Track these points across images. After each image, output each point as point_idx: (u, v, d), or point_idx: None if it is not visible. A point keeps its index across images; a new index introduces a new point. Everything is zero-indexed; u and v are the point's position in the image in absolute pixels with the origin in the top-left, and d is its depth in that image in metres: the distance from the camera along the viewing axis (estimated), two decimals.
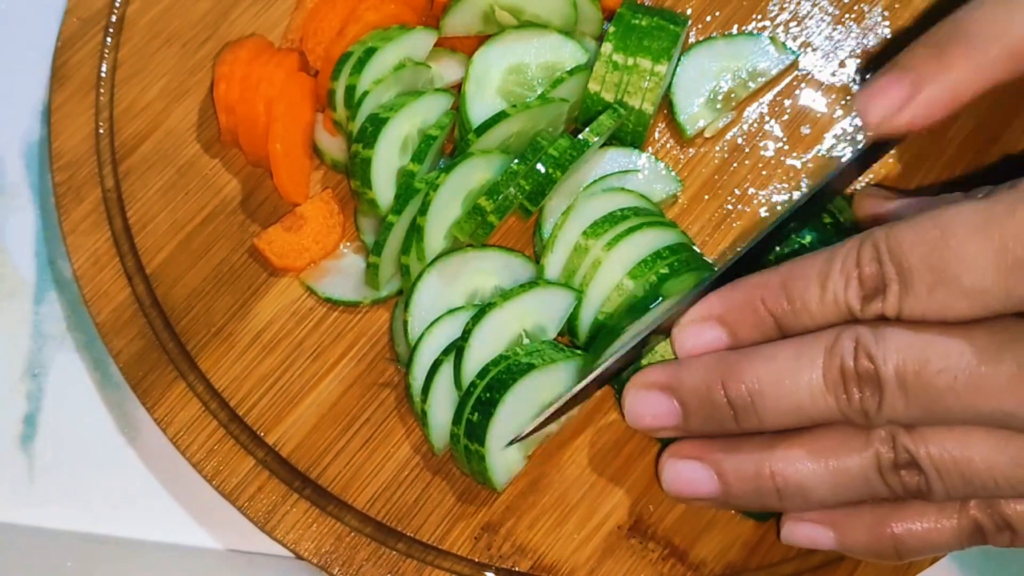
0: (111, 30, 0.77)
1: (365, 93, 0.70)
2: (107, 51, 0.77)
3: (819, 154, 0.72)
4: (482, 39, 0.72)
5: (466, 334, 0.65)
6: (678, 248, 0.67)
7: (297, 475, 0.68)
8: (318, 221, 0.71)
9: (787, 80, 0.74)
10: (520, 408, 0.63)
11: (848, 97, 0.73)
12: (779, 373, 0.57)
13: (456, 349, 0.65)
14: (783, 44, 0.74)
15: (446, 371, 0.65)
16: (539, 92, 0.71)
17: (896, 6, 0.75)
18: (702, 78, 0.73)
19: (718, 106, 0.73)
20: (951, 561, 0.70)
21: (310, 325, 0.71)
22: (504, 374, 0.63)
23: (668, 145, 0.73)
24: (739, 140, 0.73)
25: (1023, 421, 0.53)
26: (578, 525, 0.67)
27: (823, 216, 0.68)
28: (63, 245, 0.73)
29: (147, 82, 0.76)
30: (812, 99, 0.74)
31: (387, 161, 0.69)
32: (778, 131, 0.73)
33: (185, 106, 0.75)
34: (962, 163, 0.71)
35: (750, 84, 0.73)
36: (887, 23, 0.75)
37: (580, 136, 0.68)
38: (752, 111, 0.73)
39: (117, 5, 0.77)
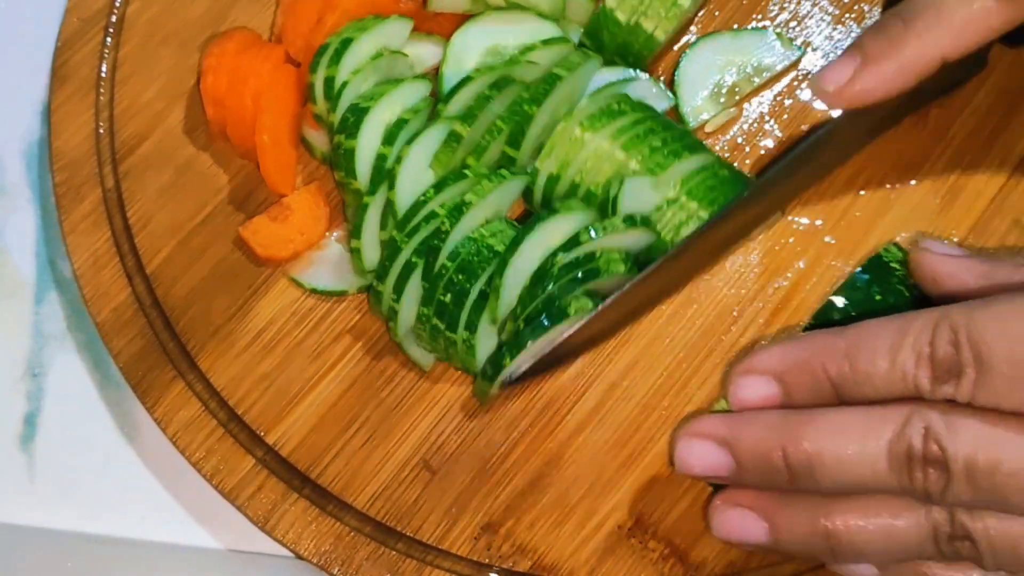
0: (111, 30, 0.77)
1: (344, 84, 0.70)
2: (107, 51, 0.77)
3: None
4: (460, 22, 0.73)
5: (443, 235, 0.65)
6: (672, 125, 0.68)
7: (297, 475, 0.68)
8: (304, 212, 0.72)
9: (787, 80, 0.74)
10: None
11: None
12: (843, 446, 0.55)
13: (430, 248, 0.66)
14: (789, 40, 0.74)
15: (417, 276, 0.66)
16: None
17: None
18: (707, 71, 0.73)
19: (722, 99, 0.73)
20: None
21: (310, 325, 0.71)
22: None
23: None
24: (739, 139, 0.73)
25: None
26: (578, 525, 0.66)
27: (891, 266, 0.67)
28: (63, 245, 0.73)
29: (147, 82, 0.76)
30: (812, 99, 0.73)
31: (370, 151, 0.69)
32: (778, 130, 0.73)
33: (185, 106, 0.75)
34: (962, 163, 0.71)
35: (754, 79, 0.73)
36: None
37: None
38: (752, 110, 0.73)
39: (117, 5, 0.78)
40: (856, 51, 0.62)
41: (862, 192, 0.71)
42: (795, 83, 0.74)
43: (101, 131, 0.75)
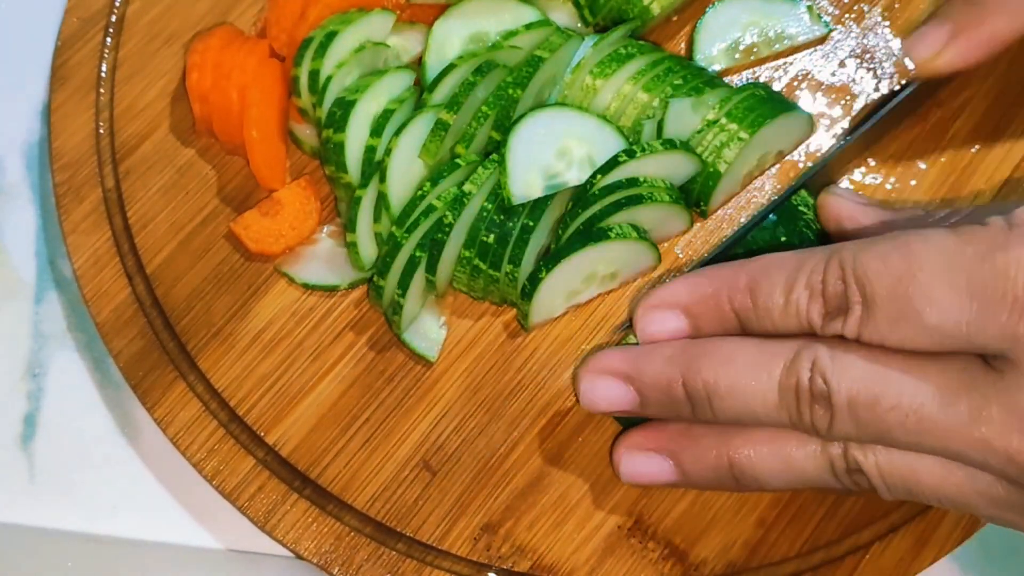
0: (111, 30, 0.77)
1: (329, 78, 0.70)
2: (107, 51, 0.77)
3: (818, 153, 0.72)
4: (442, 10, 0.73)
5: (447, 227, 0.66)
6: (688, 64, 0.70)
7: (297, 475, 0.68)
8: (295, 207, 0.72)
9: (787, 79, 0.74)
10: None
11: (848, 97, 0.73)
12: (736, 376, 0.57)
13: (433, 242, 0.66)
14: (818, 15, 0.74)
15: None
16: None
17: (896, 6, 0.75)
18: (730, 26, 0.74)
19: (736, 56, 0.73)
20: (952, 562, 0.70)
21: (310, 325, 0.71)
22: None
23: None
24: None
25: (972, 460, 0.53)
26: (578, 525, 0.66)
27: (799, 210, 0.68)
28: (63, 245, 0.73)
29: (147, 82, 0.76)
30: (812, 98, 0.73)
31: (359, 144, 0.69)
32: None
33: (185, 106, 0.75)
34: (962, 163, 0.71)
35: (775, 45, 0.73)
36: (887, 23, 0.75)
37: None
38: (759, 73, 0.74)
39: (117, 5, 0.77)
40: (946, 20, 0.63)
41: (862, 192, 0.71)
42: (795, 83, 0.74)
43: (101, 131, 0.75)
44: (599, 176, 0.66)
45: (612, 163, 0.66)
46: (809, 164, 0.72)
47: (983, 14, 0.62)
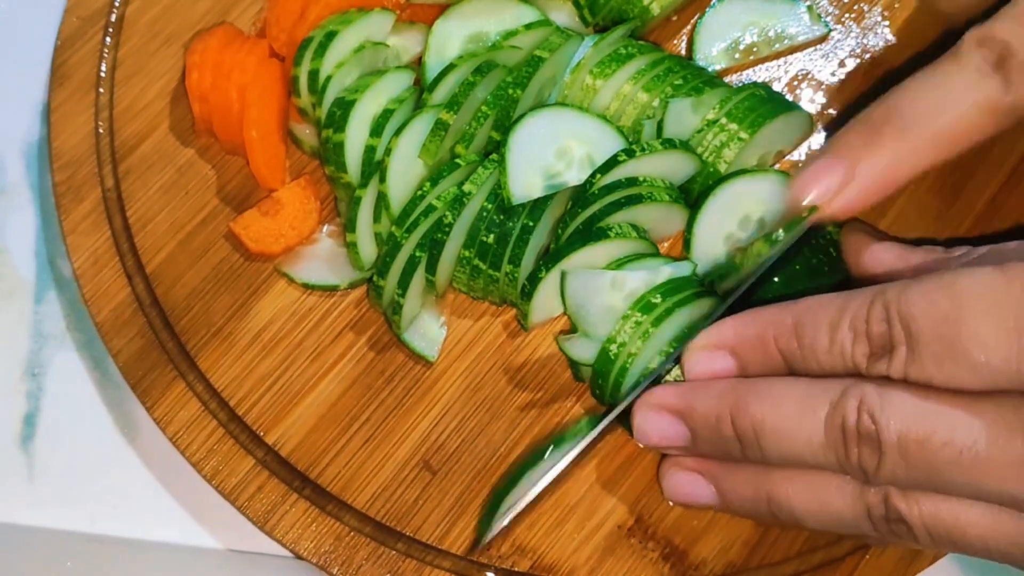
0: (111, 29, 0.77)
1: (328, 78, 0.70)
2: (107, 50, 0.77)
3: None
4: (441, 9, 0.73)
5: (447, 227, 0.66)
6: (688, 64, 0.70)
7: (297, 475, 0.68)
8: (295, 206, 0.72)
9: (787, 79, 0.74)
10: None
11: (847, 96, 0.73)
12: (783, 418, 0.57)
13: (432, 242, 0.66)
14: (818, 15, 0.74)
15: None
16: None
17: (896, 6, 0.75)
18: (729, 26, 0.74)
19: (736, 56, 0.73)
20: (951, 562, 0.69)
21: (310, 325, 0.71)
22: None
23: None
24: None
25: None
26: (578, 525, 0.66)
27: (820, 243, 0.67)
28: (63, 245, 0.73)
29: (147, 82, 0.76)
30: (811, 98, 0.73)
31: (359, 144, 0.69)
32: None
33: (185, 106, 0.75)
34: (962, 163, 0.71)
35: (775, 45, 0.74)
36: (887, 23, 0.75)
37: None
38: (758, 73, 0.74)
39: (117, 4, 0.77)
40: (843, 155, 0.60)
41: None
42: (795, 83, 0.74)
43: (101, 131, 0.75)
44: (599, 176, 0.66)
45: (612, 162, 0.66)
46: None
47: (880, 148, 0.59)
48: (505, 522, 0.64)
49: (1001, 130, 0.60)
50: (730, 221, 0.67)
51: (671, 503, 0.64)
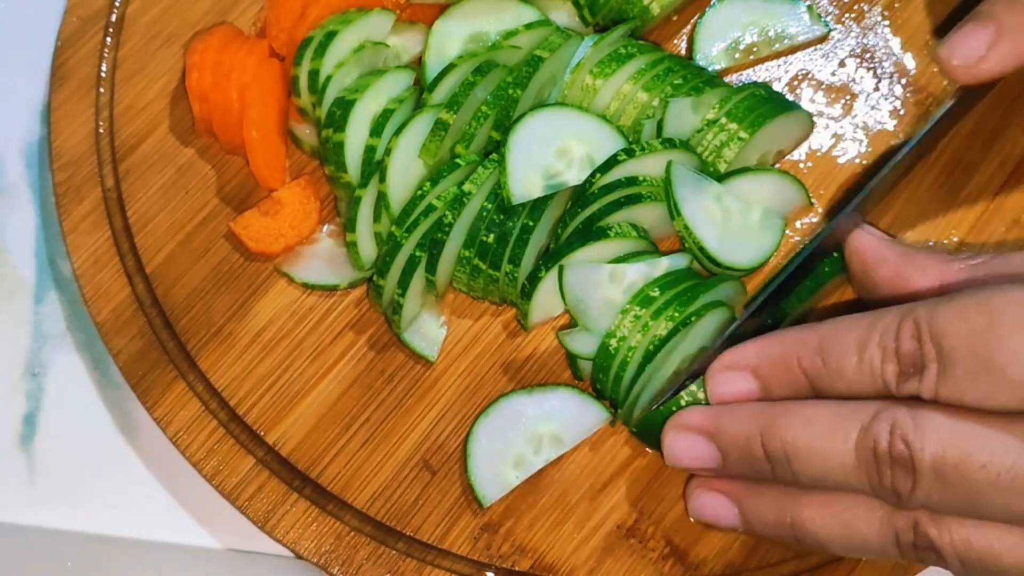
0: (111, 29, 0.77)
1: (328, 77, 0.70)
2: (107, 50, 0.77)
3: (818, 153, 0.72)
4: (441, 9, 0.73)
5: (447, 227, 0.66)
6: (687, 64, 0.70)
7: (297, 474, 0.68)
8: (294, 206, 0.72)
9: (787, 79, 0.74)
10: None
11: (848, 97, 0.73)
12: (814, 438, 0.56)
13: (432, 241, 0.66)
14: (818, 15, 0.74)
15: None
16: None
17: (896, 6, 0.75)
18: (729, 26, 0.74)
19: (736, 55, 0.73)
20: None
21: (310, 325, 0.71)
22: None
23: None
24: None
25: None
26: (578, 525, 0.66)
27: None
28: (63, 245, 0.73)
29: (147, 82, 0.76)
30: (811, 98, 0.73)
31: (359, 143, 0.69)
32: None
33: (185, 106, 0.75)
34: (962, 163, 0.71)
35: (775, 45, 0.74)
36: (887, 23, 0.75)
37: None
38: (757, 73, 0.74)
39: (117, 4, 0.77)
40: (988, 21, 0.60)
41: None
42: (795, 83, 0.74)
43: (101, 131, 0.75)
44: (598, 175, 0.66)
45: (611, 162, 0.66)
46: (810, 164, 0.72)
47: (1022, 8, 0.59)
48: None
49: None
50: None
51: (694, 520, 0.64)
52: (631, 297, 0.65)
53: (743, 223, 0.67)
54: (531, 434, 0.66)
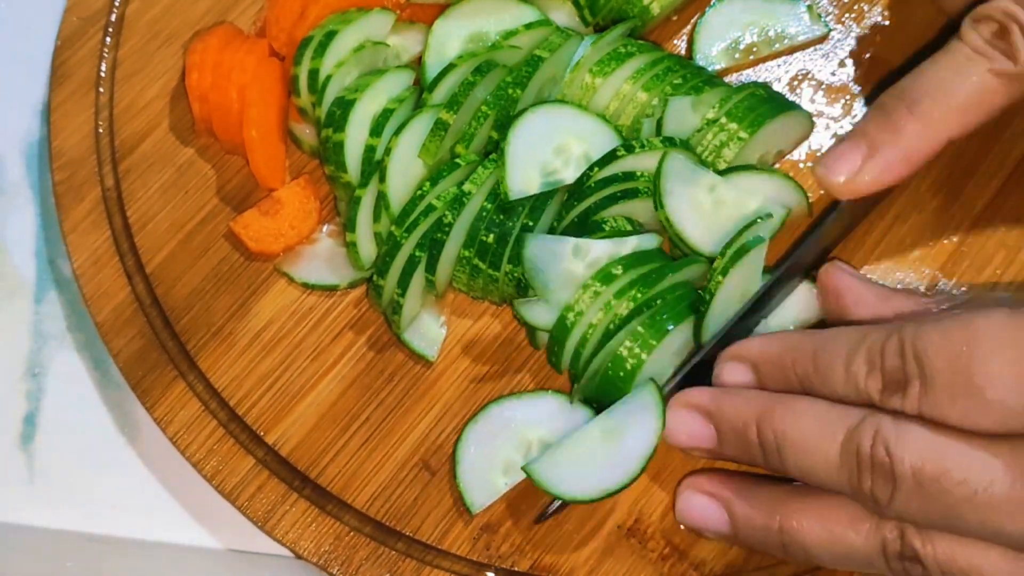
0: (111, 29, 0.77)
1: (328, 77, 0.70)
2: (107, 50, 0.77)
3: (818, 153, 0.72)
4: (442, 9, 0.73)
5: (447, 227, 0.66)
6: (687, 63, 0.70)
7: (297, 475, 0.68)
8: (294, 206, 0.72)
9: (787, 79, 0.74)
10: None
11: (847, 96, 0.73)
12: (803, 433, 0.57)
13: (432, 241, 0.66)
14: (818, 15, 0.74)
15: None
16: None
17: (896, 6, 0.75)
18: (729, 26, 0.74)
19: (736, 55, 0.74)
20: None
21: (309, 325, 0.71)
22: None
23: None
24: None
25: None
26: (578, 525, 0.66)
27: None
28: (63, 245, 0.73)
29: (147, 81, 0.76)
30: (811, 98, 0.73)
31: (358, 143, 0.69)
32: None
33: (185, 105, 0.75)
34: (962, 163, 0.71)
35: (775, 45, 0.74)
36: (887, 23, 0.75)
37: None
38: (758, 73, 0.74)
39: (117, 4, 0.78)
40: (861, 139, 0.62)
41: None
42: (795, 82, 0.74)
43: (101, 130, 0.75)
44: (596, 169, 0.66)
45: (610, 156, 0.66)
46: (810, 164, 0.72)
47: (899, 129, 0.61)
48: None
49: (1015, 99, 0.61)
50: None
51: (680, 523, 0.64)
52: (593, 273, 0.65)
53: (736, 214, 0.67)
54: (520, 439, 0.66)
